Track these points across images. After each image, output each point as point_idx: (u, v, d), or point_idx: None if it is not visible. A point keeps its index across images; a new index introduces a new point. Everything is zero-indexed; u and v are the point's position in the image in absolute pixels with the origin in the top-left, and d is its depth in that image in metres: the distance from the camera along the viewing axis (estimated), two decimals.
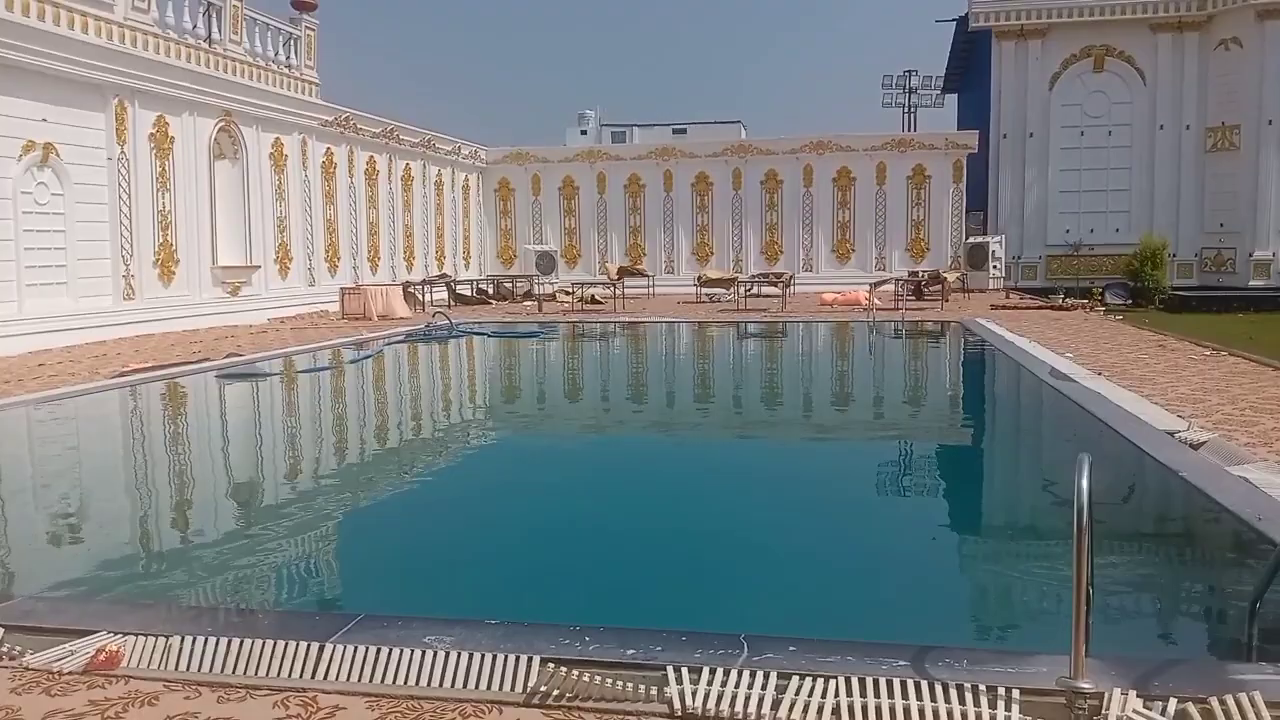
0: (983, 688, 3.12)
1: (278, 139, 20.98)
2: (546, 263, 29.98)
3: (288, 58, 21.54)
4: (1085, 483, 3.01)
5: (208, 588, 4.88)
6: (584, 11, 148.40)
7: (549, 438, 9.81)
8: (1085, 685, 2.98)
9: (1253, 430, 7.37)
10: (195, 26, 18.71)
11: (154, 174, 17.61)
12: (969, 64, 34.68)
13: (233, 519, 6.51)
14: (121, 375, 11.63)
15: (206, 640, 3.58)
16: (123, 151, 16.84)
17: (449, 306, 22.92)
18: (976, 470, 8.16)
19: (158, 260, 17.67)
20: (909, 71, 42.33)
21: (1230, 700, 3.02)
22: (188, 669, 3.51)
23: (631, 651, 3.44)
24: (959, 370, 15.09)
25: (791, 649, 3.45)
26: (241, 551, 5.53)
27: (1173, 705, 3.04)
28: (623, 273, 26.87)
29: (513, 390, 13.22)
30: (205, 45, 18.83)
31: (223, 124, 19.31)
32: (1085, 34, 28.18)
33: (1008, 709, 3.04)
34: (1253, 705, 2.99)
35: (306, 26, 22.08)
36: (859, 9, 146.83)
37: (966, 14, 29.48)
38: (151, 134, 17.55)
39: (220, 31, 19.32)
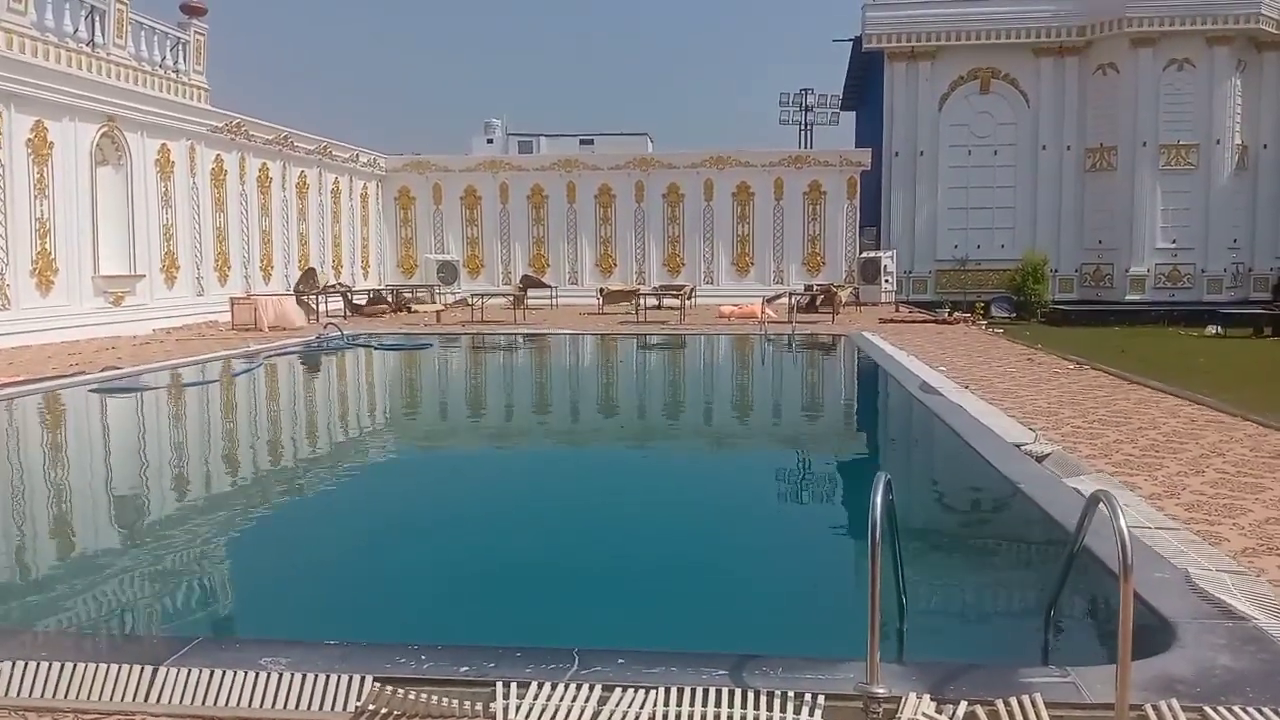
0: (790, 694, 3.30)
1: (164, 145, 20.49)
2: (448, 272, 29.82)
3: (175, 62, 21.06)
4: (880, 499, 3.21)
5: (49, 612, 4.81)
6: (493, 21, 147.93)
7: (432, 453, 9.82)
8: (879, 690, 3.17)
9: (1096, 443, 7.80)
10: (77, 30, 18.18)
11: (32, 180, 17.05)
12: (864, 84, 35.69)
13: (89, 541, 6.38)
14: None
15: (38, 665, 3.56)
16: None
17: (345, 317, 22.66)
18: (834, 482, 8.42)
19: (35, 269, 17.11)
20: (805, 90, 43.29)
21: (1014, 702, 3.25)
22: (17, 694, 3.49)
23: (464, 669, 3.53)
24: (836, 383, 15.54)
25: (620, 661, 3.58)
26: (90, 574, 5.45)
27: (963, 708, 3.26)
28: (527, 283, 26.92)
29: (397, 404, 13.16)
30: (87, 49, 18.31)
31: (105, 130, 18.79)
32: (972, 57, 29.26)
33: (810, 714, 3.23)
34: (1033, 706, 3.23)
35: (196, 31, 21.62)
36: (761, 27, 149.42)
37: (861, 35, 30.34)
38: (29, 139, 17.00)
39: (104, 35, 18.81)
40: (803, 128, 43.26)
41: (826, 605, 4.86)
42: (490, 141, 60.77)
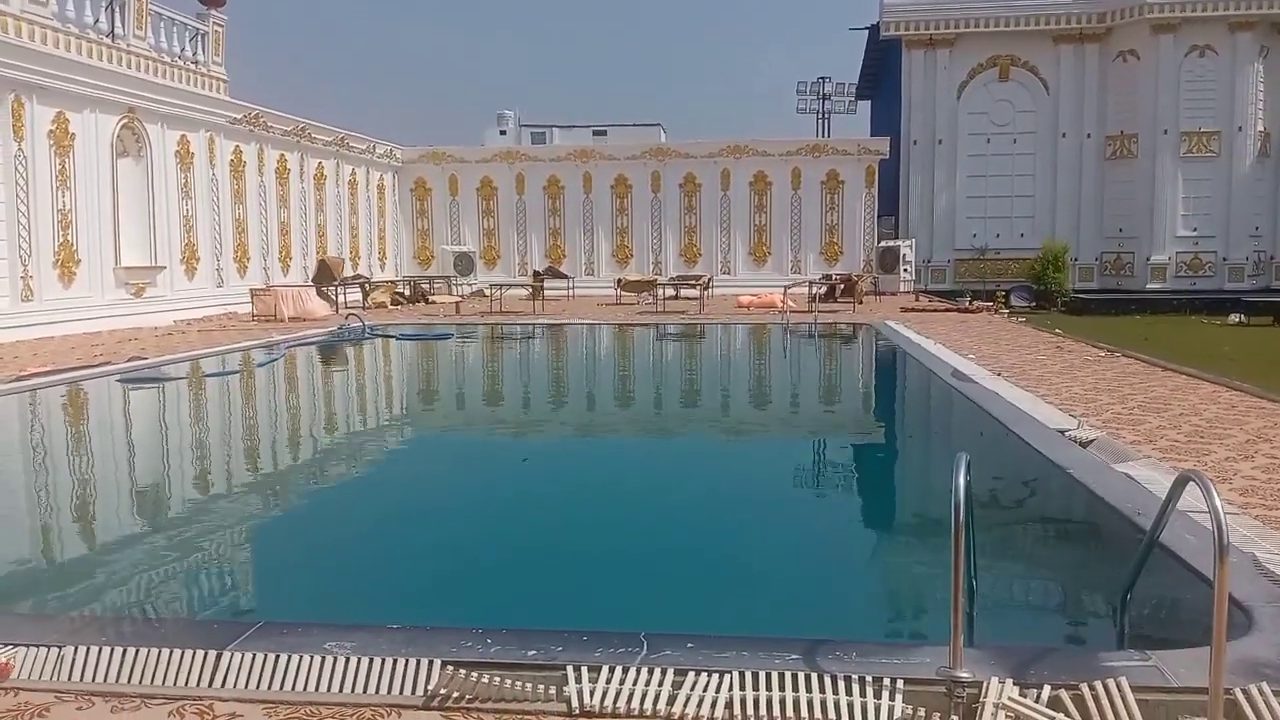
0: (869, 679, 3.24)
1: (184, 136, 20.49)
2: (465, 263, 29.79)
3: (195, 54, 21.05)
4: (962, 480, 3.15)
5: (106, 597, 4.78)
6: (504, 11, 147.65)
7: (451, 442, 9.77)
8: (964, 674, 3.11)
9: (1139, 429, 7.72)
10: (97, 21, 18.18)
11: (53, 172, 17.06)
12: (881, 72, 35.45)
13: (132, 528, 6.37)
14: (19, 379, 11.25)
15: (101, 650, 3.53)
16: (20, 149, 16.28)
17: (364, 308, 22.65)
18: (880, 468, 8.37)
19: (57, 260, 17.13)
20: (823, 78, 43.03)
21: (1099, 686, 3.19)
22: (81, 679, 3.46)
23: (532, 652, 3.48)
24: (866, 372, 15.43)
25: (689, 645, 3.53)
26: (141, 560, 5.43)
27: (1046, 692, 3.20)
28: (548, 273, 26.87)
29: (417, 395, 13.12)
30: (108, 40, 18.30)
31: (126, 121, 18.78)
32: (991, 44, 29.01)
33: (891, 699, 3.17)
34: (1119, 690, 3.17)
35: (215, 23, 21.61)
36: (776, 15, 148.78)
37: (878, 23, 30.13)
38: (51, 131, 17.00)
39: (124, 27, 18.80)
40: (820, 116, 43.06)
41: (898, 590, 4.81)
42: (503, 133, 60.50)
